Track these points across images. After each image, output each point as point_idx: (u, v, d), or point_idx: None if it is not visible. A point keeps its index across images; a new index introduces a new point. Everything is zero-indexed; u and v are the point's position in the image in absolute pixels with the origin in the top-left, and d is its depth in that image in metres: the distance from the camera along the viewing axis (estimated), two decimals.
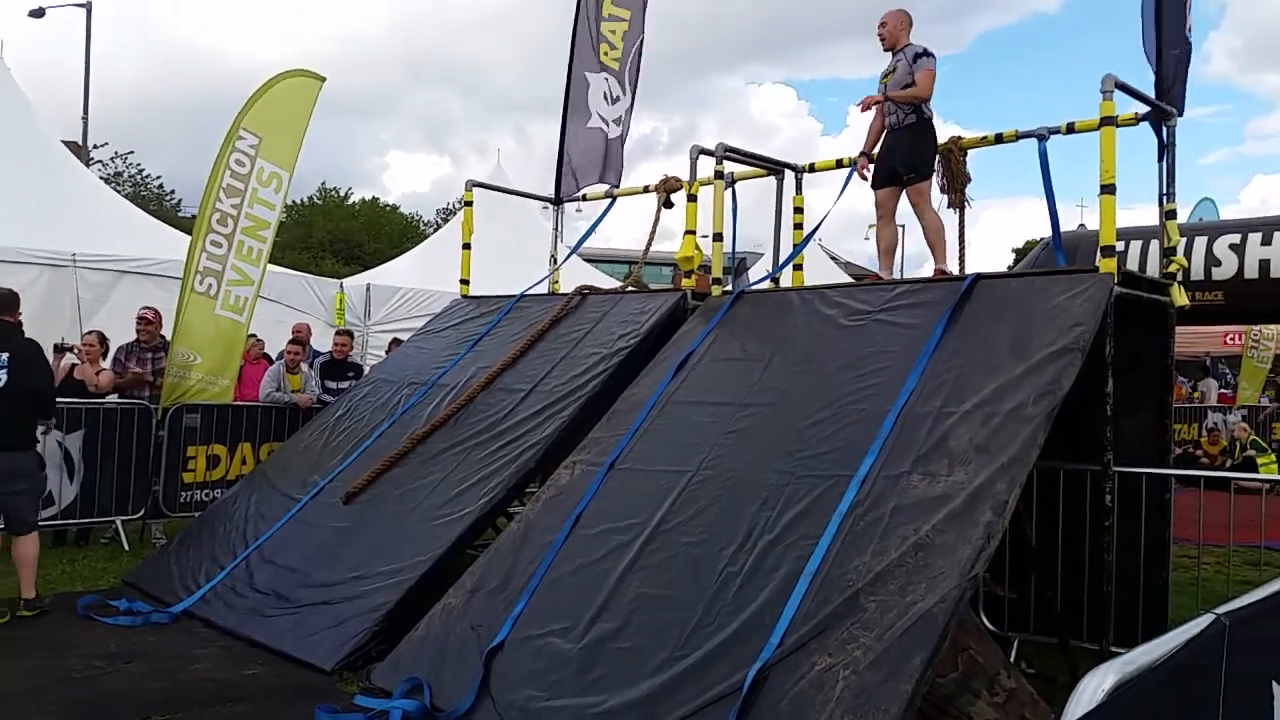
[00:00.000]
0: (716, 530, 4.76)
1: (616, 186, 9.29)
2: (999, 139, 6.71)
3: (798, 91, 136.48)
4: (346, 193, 44.87)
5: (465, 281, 9.17)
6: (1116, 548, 5.12)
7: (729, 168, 7.43)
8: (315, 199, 43.28)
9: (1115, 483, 5.18)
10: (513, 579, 5.13)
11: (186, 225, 15.82)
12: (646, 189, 8.65)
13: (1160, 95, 6.02)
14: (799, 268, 8.09)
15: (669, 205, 8.28)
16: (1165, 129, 6.04)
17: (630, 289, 8.28)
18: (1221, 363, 21.34)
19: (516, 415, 6.68)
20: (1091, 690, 1.81)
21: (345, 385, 9.32)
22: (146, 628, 5.97)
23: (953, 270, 6.68)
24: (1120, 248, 5.87)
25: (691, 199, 7.29)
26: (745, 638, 4.08)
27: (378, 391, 7.98)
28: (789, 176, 7.93)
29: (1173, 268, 6.05)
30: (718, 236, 7.08)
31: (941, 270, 6.65)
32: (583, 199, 9.37)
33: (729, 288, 7.19)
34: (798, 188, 7.92)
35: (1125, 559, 5.27)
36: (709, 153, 7.13)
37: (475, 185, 9.43)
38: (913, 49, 6.58)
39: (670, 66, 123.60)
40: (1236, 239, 8.86)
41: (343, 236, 39.17)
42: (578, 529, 5.24)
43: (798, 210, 7.93)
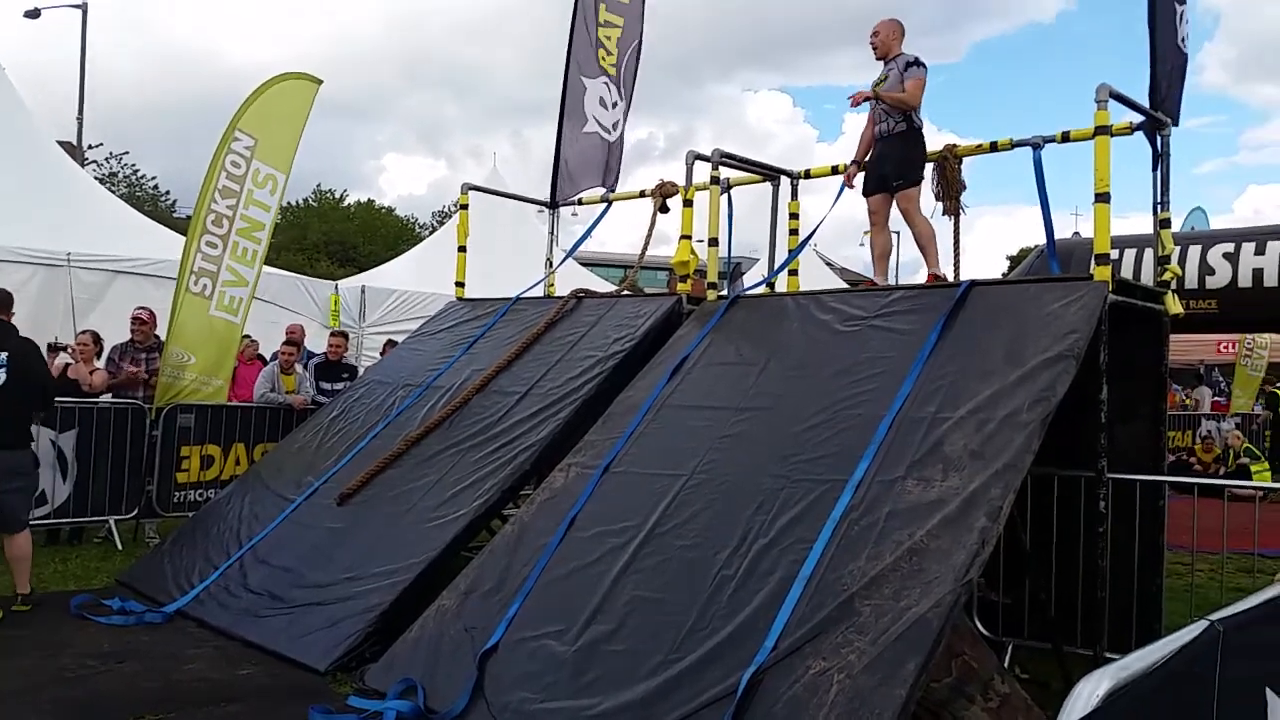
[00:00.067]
0: (711, 534, 4.76)
1: (612, 191, 9.31)
2: (994, 147, 6.73)
3: (793, 98, 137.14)
4: (342, 195, 44.93)
5: (461, 284, 9.17)
6: (1111, 554, 5.14)
7: (725, 173, 7.45)
8: (310, 201, 43.25)
9: (1109, 489, 5.20)
10: (507, 581, 5.13)
11: (181, 226, 15.83)
12: (642, 193, 8.65)
13: (1155, 105, 6.05)
14: (794, 273, 8.12)
15: (665, 210, 8.28)
16: (1160, 138, 6.07)
17: (626, 293, 8.28)
18: (1215, 371, 21.43)
19: (511, 418, 6.68)
20: (1086, 696, 1.82)
21: (340, 386, 9.32)
22: (140, 627, 5.96)
23: (946, 274, 6.71)
24: (1114, 256, 5.88)
25: (687, 204, 7.31)
26: (740, 641, 4.09)
27: (372, 393, 7.98)
28: (784, 182, 7.95)
29: (1167, 276, 6.09)
30: (713, 241, 7.09)
31: (935, 275, 6.68)
32: (578, 203, 9.37)
33: (724, 292, 7.20)
34: (793, 194, 7.94)
35: (1119, 565, 5.29)
36: (705, 158, 7.15)
37: (471, 188, 9.44)
38: (904, 58, 6.66)
39: (667, 73, 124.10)
40: (1230, 248, 8.89)
41: (338, 238, 39.13)
42: (572, 531, 5.24)
43: (793, 216, 7.95)
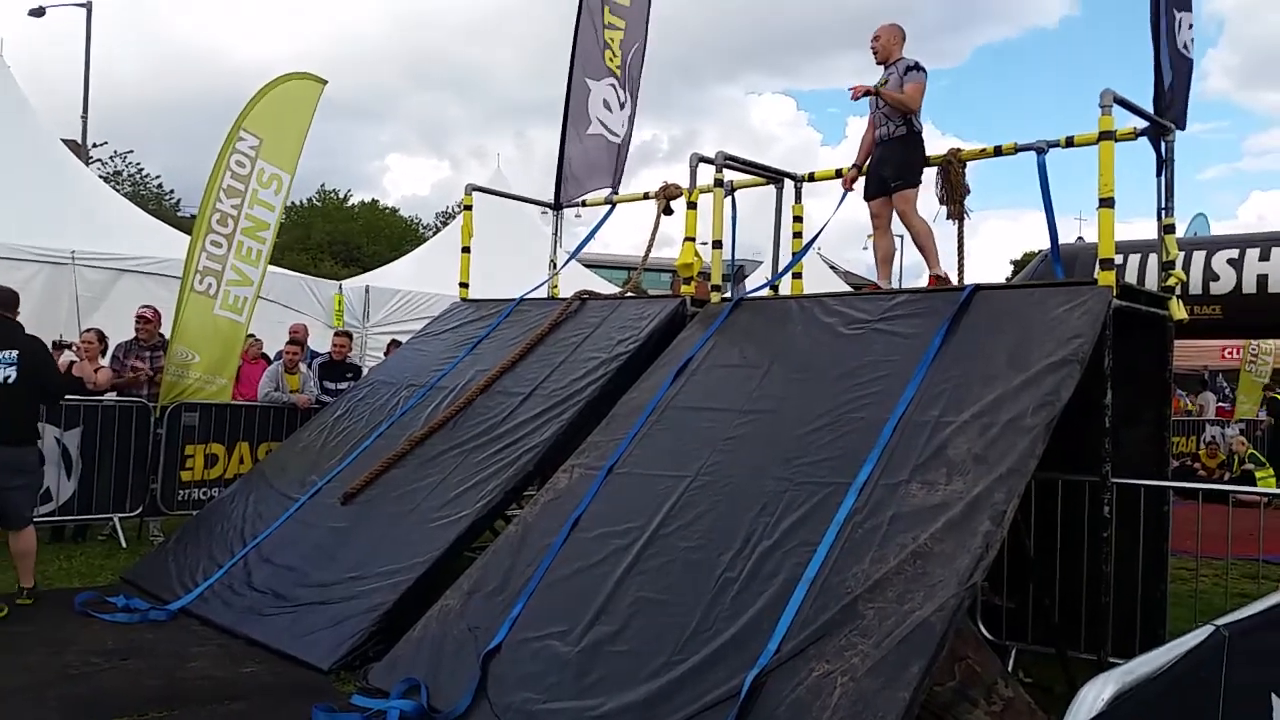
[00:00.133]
0: (715, 535, 4.77)
1: (616, 192, 9.32)
2: (998, 151, 6.73)
3: (797, 101, 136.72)
4: (346, 195, 44.97)
5: (465, 284, 9.19)
6: (1114, 559, 5.13)
7: (729, 176, 7.46)
8: (315, 200, 43.31)
9: (1113, 494, 5.20)
10: (510, 581, 5.14)
11: (185, 224, 15.84)
12: (646, 195, 8.65)
13: (1160, 111, 6.05)
14: (798, 276, 8.12)
15: (669, 212, 8.29)
16: (1164, 144, 6.07)
17: (629, 294, 8.30)
18: (1219, 376, 21.41)
19: (515, 418, 6.68)
20: (1091, 700, 1.82)
21: (344, 386, 9.34)
22: (144, 625, 5.97)
23: (948, 274, 6.73)
24: (1119, 261, 5.89)
25: (691, 206, 7.32)
26: (743, 643, 4.09)
27: (376, 393, 7.98)
28: (788, 185, 7.95)
29: (1171, 281, 6.09)
30: (717, 244, 7.09)
31: (936, 276, 6.69)
32: (582, 204, 9.38)
33: (728, 295, 7.21)
34: (797, 196, 7.94)
35: (1123, 570, 5.28)
36: (709, 161, 7.16)
37: (475, 189, 9.45)
38: (904, 62, 6.69)
39: (670, 75, 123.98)
40: (1235, 254, 8.90)
41: (342, 238, 39.18)
42: (576, 532, 5.24)
43: (797, 219, 7.95)
